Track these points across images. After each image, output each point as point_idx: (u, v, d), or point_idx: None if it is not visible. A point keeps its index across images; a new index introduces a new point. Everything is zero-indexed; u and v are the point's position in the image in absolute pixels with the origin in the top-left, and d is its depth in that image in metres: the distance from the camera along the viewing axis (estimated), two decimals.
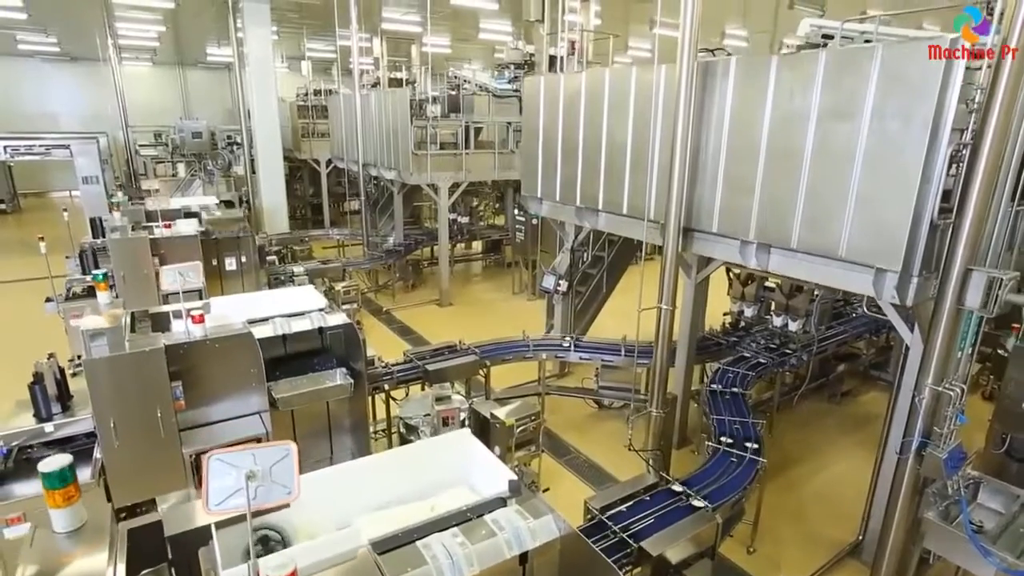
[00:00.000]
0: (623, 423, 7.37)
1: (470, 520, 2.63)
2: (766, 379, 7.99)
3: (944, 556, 4.54)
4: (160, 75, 28.30)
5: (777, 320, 7.99)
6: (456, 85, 14.10)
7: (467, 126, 13.04)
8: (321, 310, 5.78)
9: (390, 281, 14.10)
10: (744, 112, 5.48)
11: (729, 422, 6.04)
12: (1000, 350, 7.60)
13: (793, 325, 7.85)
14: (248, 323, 4.99)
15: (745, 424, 5.98)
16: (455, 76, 15.03)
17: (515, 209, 13.70)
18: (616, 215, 7.26)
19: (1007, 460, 5.46)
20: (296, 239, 14.69)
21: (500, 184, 15.32)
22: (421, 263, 15.47)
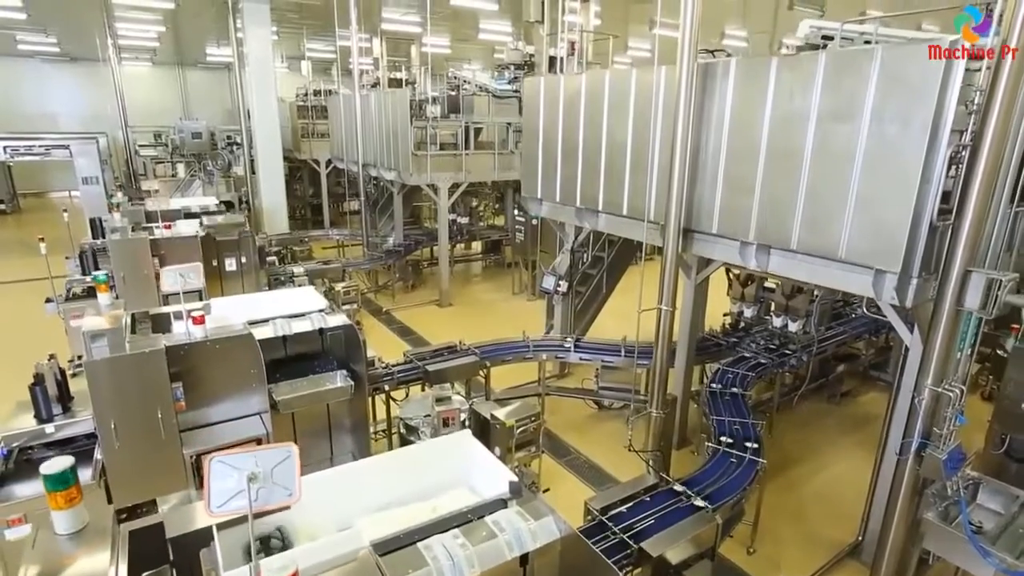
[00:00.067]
0: (623, 424, 7.38)
1: (471, 521, 2.65)
2: (766, 380, 7.99)
3: (943, 556, 4.55)
4: (160, 75, 28.31)
5: (777, 321, 8.00)
6: (456, 86, 14.09)
7: (467, 127, 13.03)
8: (321, 311, 5.78)
9: (390, 281, 14.11)
10: (744, 113, 5.48)
11: (729, 423, 6.04)
12: (999, 351, 7.61)
13: (793, 326, 7.87)
14: (248, 324, 5.00)
15: (745, 424, 5.98)
16: (455, 77, 15.02)
17: (515, 209, 13.71)
18: (616, 216, 7.27)
19: (1006, 461, 5.46)
20: (296, 239, 14.71)
21: (500, 184, 15.32)
22: (421, 263, 15.47)
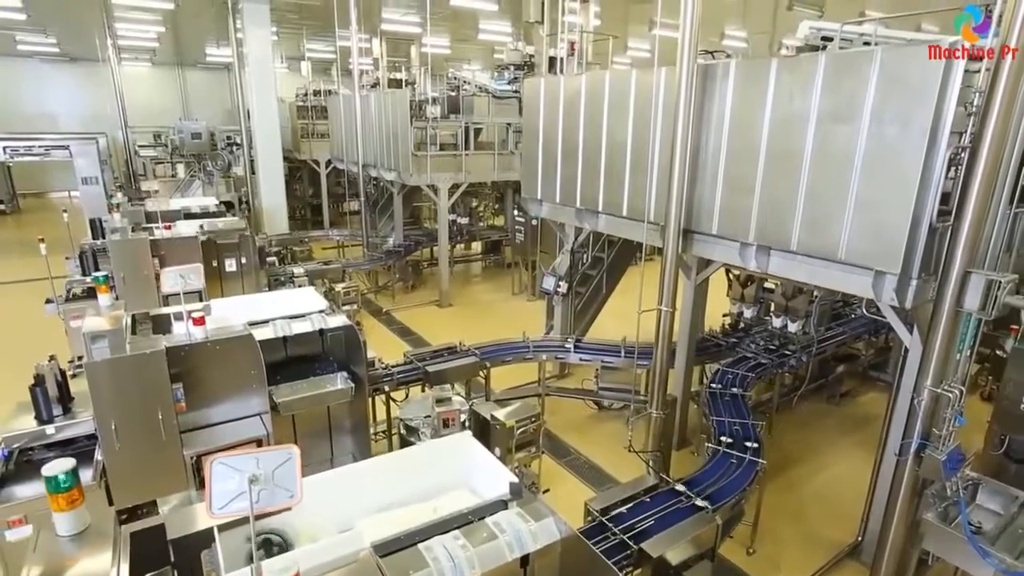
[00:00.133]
0: (623, 424, 7.38)
1: (471, 523, 2.65)
2: (766, 380, 7.99)
3: (943, 557, 4.55)
4: (159, 75, 28.31)
5: (776, 321, 8.00)
6: (456, 86, 14.09)
7: (467, 127, 13.03)
8: (321, 312, 5.78)
9: (390, 282, 14.11)
10: (744, 114, 5.49)
11: (729, 423, 6.05)
12: (999, 351, 7.62)
13: (792, 326, 7.87)
14: (249, 325, 5.00)
15: (745, 425, 5.99)
16: (455, 77, 15.01)
17: (515, 210, 13.71)
18: (616, 217, 7.27)
19: (1006, 461, 5.46)
20: (296, 240, 14.72)
21: (500, 185, 15.33)
22: (421, 264, 15.47)
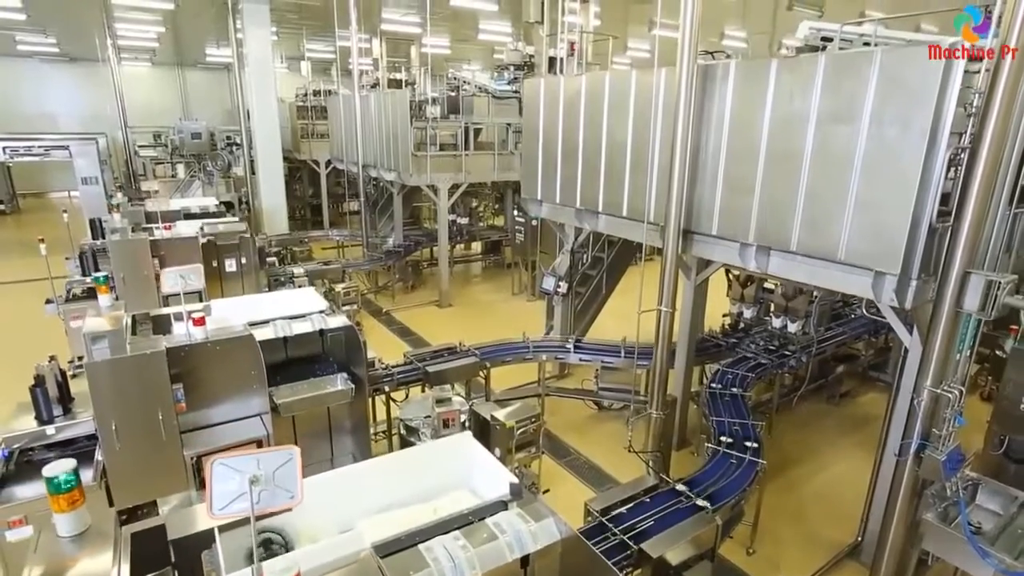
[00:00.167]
0: (623, 424, 7.39)
1: (472, 523, 2.65)
2: (765, 380, 8.00)
3: (943, 557, 4.55)
4: (159, 76, 28.31)
5: (776, 321, 8.01)
6: (456, 86, 14.09)
7: (467, 127, 13.03)
8: (321, 312, 5.78)
9: (390, 282, 14.11)
10: (744, 115, 5.49)
11: (729, 423, 6.05)
12: (998, 351, 7.63)
13: (792, 326, 7.87)
14: (249, 325, 5.00)
15: (744, 425, 5.99)
16: (455, 77, 15.02)
17: (515, 210, 13.71)
18: (616, 217, 7.27)
19: (1005, 461, 5.47)
20: (296, 240, 14.72)
21: (500, 185, 15.33)
22: (421, 264, 15.47)
